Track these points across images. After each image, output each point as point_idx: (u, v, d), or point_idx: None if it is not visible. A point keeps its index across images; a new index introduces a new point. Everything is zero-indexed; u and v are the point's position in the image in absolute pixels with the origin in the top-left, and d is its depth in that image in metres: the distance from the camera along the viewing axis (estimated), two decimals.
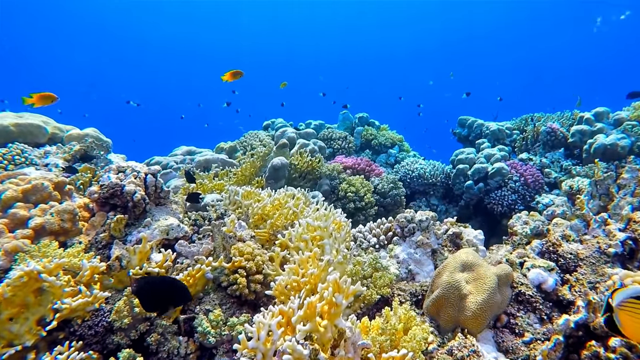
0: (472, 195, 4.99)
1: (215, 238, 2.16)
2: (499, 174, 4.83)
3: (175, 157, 4.38)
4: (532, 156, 5.21)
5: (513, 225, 3.00)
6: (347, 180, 4.29)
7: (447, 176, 5.36)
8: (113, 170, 2.23)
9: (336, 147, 6.02)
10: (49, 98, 3.37)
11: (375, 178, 4.54)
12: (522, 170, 4.87)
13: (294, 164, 4.10)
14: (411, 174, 5.35)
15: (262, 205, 2.68)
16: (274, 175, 3.77)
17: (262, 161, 4.13)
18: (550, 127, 5.06)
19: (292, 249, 2.14)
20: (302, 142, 4.41)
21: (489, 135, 5.75)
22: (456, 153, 5.45)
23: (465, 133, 6.25)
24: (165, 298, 1.60)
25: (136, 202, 2.11)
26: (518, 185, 4.79)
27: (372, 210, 4.17)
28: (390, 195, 4.31)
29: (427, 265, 2.50)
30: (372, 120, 6.80)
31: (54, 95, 3.36)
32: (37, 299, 1.54)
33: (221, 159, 4.24)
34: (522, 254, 2.11)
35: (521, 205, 4.72)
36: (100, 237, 2.03)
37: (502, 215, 4.85)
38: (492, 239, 5.05)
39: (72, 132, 3.93)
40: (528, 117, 5.99)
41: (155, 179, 2.28)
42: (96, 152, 3.45)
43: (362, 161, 4.71)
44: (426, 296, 2.06)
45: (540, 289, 1.90)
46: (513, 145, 5.72)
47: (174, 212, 2.34)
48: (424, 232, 2.57)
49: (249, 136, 5.56)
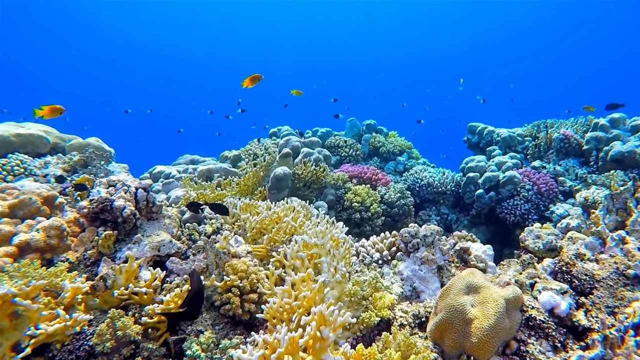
0: (483, 204, 4.83)
1: (208, 255, 2.07)
2: (511, 183, 4.67)
3: (179, 166, 4.32)
4: (546, 164, 5.03)
5: (524, 240, 2.85)
6: (353, 190, 4.18)
7: (457, 184, 5.21)
8: (103, 184, 2.16)
9: (343, 154, 5.92)
10: (57, 110, 3.46)
11: (382, 187, 4.42)
12: (535, 179, 4.70)
13: (297, 173, 4.00)
14: (420, 182, 5.21)
15: (260, 219, 2.58)
16: (276, 186, 3.68)
17: (265, 171, 4.05)
18: (564, 134, 4.89)
19: (287, 267, 2.03)
20: (307, 151, 4.31)
21: (500, 142, 5.59)
22: (466, 161, 5.29)
23: (476, 140, 6.09)
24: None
25: (126, 217, 2.03)
26: (531, 194, 4.62)
27: (379, 220, 4.04)
28: (398, 205, 4.19)
29: (433, 282, 2.37)
30: (380, 127, 6.68)
31: (62, 108, 3.43)
32: (13, 323, 1.46)
33: (224, 168, 4.16)
34: (532, 275, 1.97)
35: (535, 214, 4.55)
36: (89, 254, 1.95)
37: (515, 225, 4.68)
38: (505, 250, 4.88)
39: (73, 142, 3.89)
40: (540, 124, 5.81)
41: (147, 193, 2.20)
42: (96, 163, 3.40)
43: (368, 170, 4.59)
44: (430, 318, 1.93)
45: (553, 313, 1.76)
46: (525, 152, 5.54)
47: (167, 227, 2.26)
48: (429, 247, 2.44)
49: (254, 144, 5.49)
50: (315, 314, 1.22)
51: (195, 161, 4.62)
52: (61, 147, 3.85)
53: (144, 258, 1.96)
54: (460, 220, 5.16)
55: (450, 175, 5.26)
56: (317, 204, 3.90)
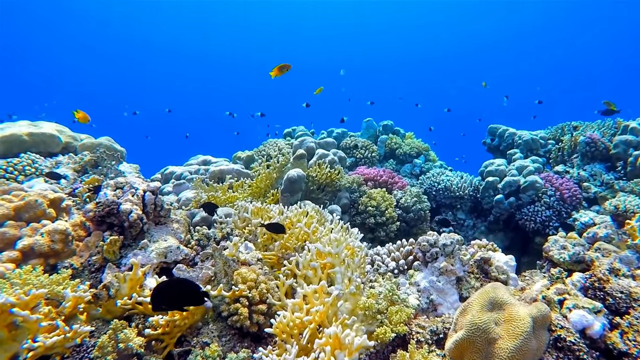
0: (502, 210, 4.66)
1: (216, 262, 1.99)
2: (532, 188, 4.49)
3: (190, 167, 4.27)
4: (569, 168, 4.84)
5: (549, 250, 2.70)
6: (368, 193, 4.06)
7: (475, 189, 5.05)
8: (111, 186, 2.09)
9: (359, 156, 5.80)
10: (86, 118, 4.02)
11: (398, 191, 4.29)
12: (557, 184, 4.51)
13: (311, 176, 3.90)
14: (437, 186, 5.06)
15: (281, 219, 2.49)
16: (289, 188, 3.59)
17: (279, 172, 3.96)
18: (590, 137, 4.68)
19: (299, 277, 1.93)
20: (322, 152, 4.21)
21: (522, 145, 5.40)
22: (485, 164, 5.13)
23: (496, 143, 5.90)
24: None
25: (132, 222, 1.96)
26: (553, 200, 4.44)
27: (394, 225, 3.92)
28: (414, 210, 4.06)
29: (451, 295, 2.25)
30: (397, 128, 6.54)
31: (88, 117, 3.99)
32: (11, 334, 1.40)
33: (236, 169, 4.09)
34: (561, 290, 1.83)
35: (556, 222, 4.37)
36: (93, 260, 1.88)
37: (534, 233, 4.51)
38: (523, 258, 4.71)
39: (85, 141, 3.87)
40: (565, 126, 5.60)
41: (155, 196, 2.13)
42: (107, 163, 3.36)
43: (384, 173, 4.47)
44: (449, 335, 1.81)
45: (585, 334, 1.62)
46: (548, 156, 5.34)
47: (175, 232, 2.18)
48: (448, 257, 2.32)
49: (268, 145, 5.41)
50: (330, 337, 1.12)
51: (207, 162, 4.56)
52: (73, 147, 3.83)
53: (150, 265, 1.88)
54: (477, 226, 5.00)
55: (469, 179, 5.10)
56: (331, 208, 3.80)
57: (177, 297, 1.49)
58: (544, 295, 1.82)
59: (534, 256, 4.61)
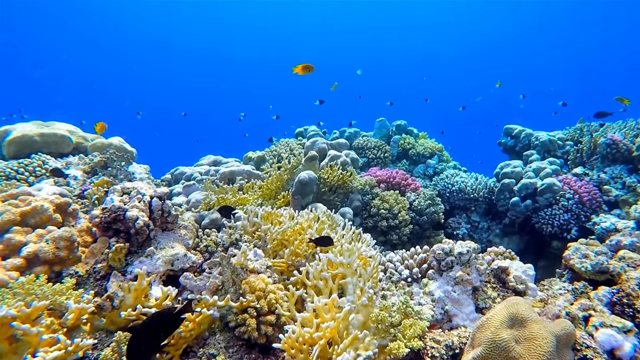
0: (518, 213, 4.53)
1: (223, 271, 1.93)
2: (550, 191, 4.35)
3: (201, 168, 4.23)
4: (589, 171, 4.68)
5: (569, 258, 2.59)
6: (381, 195, 3.97)
7: (490, 191, 4.92)
8: (117, 191, 2.04)
9: (371, 156, 5.71)
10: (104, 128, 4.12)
11: (412, 193, 4.19)
12: (576, 187, 4.37)
13: (323, 177, 3.83)
14: (451, 187, 4.95)
15: (281, 230, 2.43)
16: (300, 191, 3.52)
17: (290, 174, 3.90)
18: (612, 138, 4.52)
19: (309, 288, 1.86)
20: (333, 153, 4.13)
21: (539, 146, 5.25)
22: (501, 166, 4.99)
23: (512, 143, 5.75)
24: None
25: (138, 229, 1.91)
26: (571, 203, 4.30)
27: (407, 229, 3.83)
28: (427, 212, 3.96)
29: (467, 305, 2.16)
30: (411, 128, 6.42)
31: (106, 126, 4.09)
32: (12, 347, 1.36)
33: (247, 170, 4.04)
34: (586, 306, 1.73)
35: (574, 225, 4.23)
36: (99, 267, 1.84)
37: (552, 236, 4.38)
38: (540, 262, 4.58)
39: (96, 141, 3.85)
40: (584, 127, 5.43)
41: (162, 202, 2.08)
42: (116, 164, 3.33)
43: (397, 174, 4.37)
44: (465, 351, 1.73)
45: (614, 355, 1.52)
46: (566, 157, 5.18)
47: (183, 239, 2.13)
48: (464, 266, 2.23)
49: (280, 145, 5.35)
50: None
51: (217, 162, 4.51)
52: (84, 147, 3.81)
53: (155, 274, 1.83)
54: (492, 228, 4.87)
55: (484, 181, 4.98)
56: (342, 210, 3.72)
57: (154, 339, 1.40)
58: (567, 311, 1.72)
59: (551, 260, 4.48)
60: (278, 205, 3.70)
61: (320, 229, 2.47)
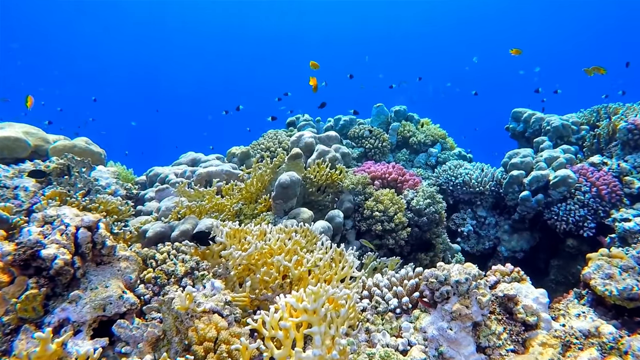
0: (528, 208, 4.12)
1: (165, 318, 1.58)
2: (564, 184, 3.93)
3: (178, 168, 3.86)
4: (607, 159, 4.22)
5: (590, 277, 2.20)
6: (375, 195, 3.58)
7: (498, 183, 4.50)
8: (37, 220, 1.68)
9: (367, 146, 5.29)
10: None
11: (410, 191, 3.79)
12: (593, 179, 3.93)
13: (309, 177, 3.44)
14: (454, 180, 4.54)
15: (246, 254, 2.06)
16: (282, 195, 3.14)
17: (273, 174, 3.51)
18: (634, 122, 4.05)
19: (267, 340, 1.51)
20: (322, 149, 3.73)
21: (551, 132, 4.78)
22: (509, 155, 4.56)
23: (521, 129, 5.29)
24: None
25: (58, 269, 1.56)
26: (588, 197, 3.88)
27: (404, 232, 3.45)
28: (427, 212, 3.57)
29: (466, 345, 1.79)
30: (411, 114, 5.97)
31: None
32: None
33: (226, 171, 3.65)
34: None
35: (592, 222, 3.81)
36: (6, 320, 1.49)
37: (566, 234, 3.97)
38: (553, 261, 4.19)
39: (57, 144, 3.49)
40: (600, 109, 4.95)
41: (93, 232, 1.72)
42: (75, 170, 2.97)
43: (394, 169, 3.96)
44: None
45: None
46: (581, 144, 4.73)
47: (123, 273, 1.78)
48: (462, 297, 1.85)
49: (268, 137, 4.94)
50: None
51: (196, 161, 4.13)
52: (44, 150, 3.46)
53: (84, 323, 1.48)
54: (500, 224, 4.47)
55: (490, 172, 4.55)
56: (331, 214, 3.34)
57: None
58: None
59: (566, 259, 4.09)
60: (258, 210, 3.34)
61: (292, 252, 2.10)
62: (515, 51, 5.49)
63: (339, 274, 2.12)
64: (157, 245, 2.88)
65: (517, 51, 5.48)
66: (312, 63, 4.60)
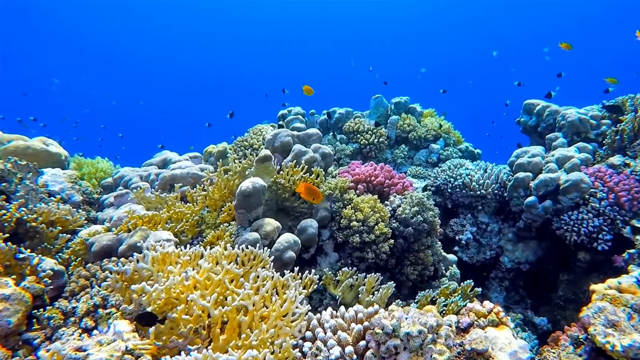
0: (534, 216, 3.65)
1: None
2: (576, 189, 3.44)
3: (145, 170, 3.56)
4: (630, 160, 3.69)
5: (589, 323, 1.78)
6: (355, 202, 3.20)
7: (502, 185, 4.03)
8: None
9: (363, 142, 4.88)
10: None
11: (397, 197, 3.39)
12: (611, 183, 3.43)
13: (280, 182, 3.09)
14: (453, 182, 4.09)
15: (163, 288, 1.73)
16: (243, 204, 2.80)
17: (241, 178, 3.17)
18: None
19: None
20: (298, 149, 3.35)
21: (566, 127, 4.24)
22: (516, 153, 4.06)
23: (533, 122, 4.75)
24: None
25: None
26: (605, 204, 3.38)
27: (385, 245, 3.06)
28: (414, 222, 3.16)
29: None
30: (413, 106, 5.49)
31: None
32: None
33: (192, 174, 3.33)
34: None
35: (608, 234, 3.33)
36: None
37: (577, 246, 3.49)
38: (562, 275, 3.72)
39: (11, 145, 3.24)
40: (626, 100, 4.36)
41: None
42: (16, 177, 2.71)
43: (381, 171, 3.56)
44: None
45: None
46: (601, 141, 4.18)
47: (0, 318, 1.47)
48: (415, 354, 1.47)
49: (252, 133, 4.59)
50: None
51: (167, 161, 3.83)
52: None
53: None
54: (503, 231, 4.01)
55: (495, 173, 4.07)
56: (304, 224, 2.99)
57: None
58: None
59: (576, 274, 3.62)
60: (221, 219, 3.01)
61: (220, 282, 1.76)
62: (564, 45, 5.18)
63: (278, 312, 1.77)
64: (102, 261, 2.60)
65: (566, 45, 5.16)
66: (305, 88, 4.28)
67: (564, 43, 5.17)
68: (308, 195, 2.69)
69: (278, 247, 2.68)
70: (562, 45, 5.19)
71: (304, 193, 2.69)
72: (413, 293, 3.32)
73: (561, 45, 5.19)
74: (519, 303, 3.98)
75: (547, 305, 3.90)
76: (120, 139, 12.81)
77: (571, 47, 5.16)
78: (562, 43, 5.18)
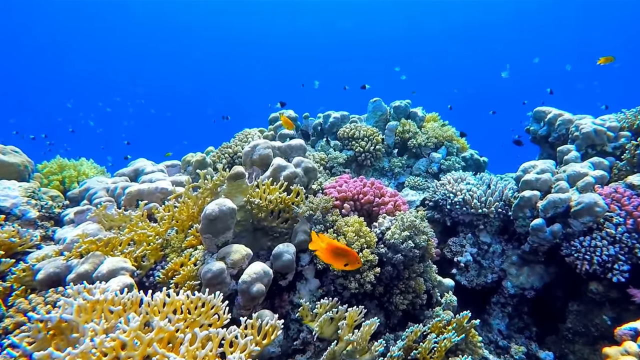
0: (541, 240, 3.28)
1: None
2: (589, 213, 3.06)
3: (114, 181, 3.27)
4: None
5: None
6: (337, 225, 2.87)
7: (507, 204, 3.66)
8: None
9: (358, 150, 4.54)
10: None
11: (386, 218, 3.05)
12: (630, 207, 3.05)
13: (254, 201, 2.77)
14: (452, 197, 3.73)
15: (78, 352, 1.43)
16: (209, 229, 2.48)
17: (212, 195, 2.87)
18: None
19: None
20: (278, 163, 3.02)
21: (580, 138, 3.84)
22: (524, 168, 3.68)
23: (544, 132, 4.34)
24: None
25: None
26: (622, 231, 3.01)
27: (371, 274, 2.73)
28: (404, 248, 2.81)
29: None
30: (414, 110, 5.11)
31: None
32: None
33: (161, 189, 3.03)
34: None
35: (624, 264, 2.96)
36: None
37: (589, 276, 3.13)
38: (571, 304, 3.34)
39: None
40: None
41: None
42: None
43: (371, 188, 3.21)
44: None
45: None
46: (619, 154, 3.78)
47: None
48: None
49: (238, 139, 4.27)
50: None
51: (139, 172, 3.53)
52: None
53: None
54: (507, 253, 3.64)
55: (499, 189, 3.70)
56: (278, 251, 2.67)
57: None
58: None
59: (587, 305, 3.25)
60: (187, 243, 2.71)
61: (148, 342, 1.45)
62: (604, 59, 4.77)
63: None
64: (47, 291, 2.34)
65: (606, 59, 4.75)
66: (283, 119, 3.93)
67: (604, 57, 4.72)
68: (337, 261, 2.06)
69: (245, 279, 2.37)
70: (601, 60, 4.73)
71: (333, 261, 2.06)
72: (404, 322, 3.01)
73: (600, 61, 4.73)
74: (522, 331, 3.63)
75: (554, 335, 3.54)
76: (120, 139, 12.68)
77: (613, 59, 4.71)
78: (601, 58, 4.74)
